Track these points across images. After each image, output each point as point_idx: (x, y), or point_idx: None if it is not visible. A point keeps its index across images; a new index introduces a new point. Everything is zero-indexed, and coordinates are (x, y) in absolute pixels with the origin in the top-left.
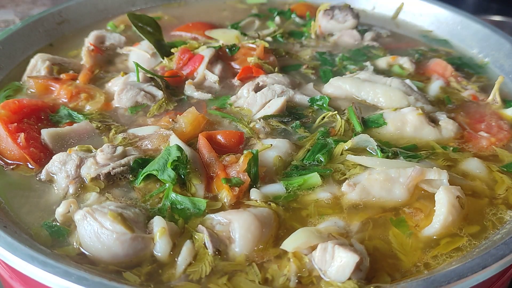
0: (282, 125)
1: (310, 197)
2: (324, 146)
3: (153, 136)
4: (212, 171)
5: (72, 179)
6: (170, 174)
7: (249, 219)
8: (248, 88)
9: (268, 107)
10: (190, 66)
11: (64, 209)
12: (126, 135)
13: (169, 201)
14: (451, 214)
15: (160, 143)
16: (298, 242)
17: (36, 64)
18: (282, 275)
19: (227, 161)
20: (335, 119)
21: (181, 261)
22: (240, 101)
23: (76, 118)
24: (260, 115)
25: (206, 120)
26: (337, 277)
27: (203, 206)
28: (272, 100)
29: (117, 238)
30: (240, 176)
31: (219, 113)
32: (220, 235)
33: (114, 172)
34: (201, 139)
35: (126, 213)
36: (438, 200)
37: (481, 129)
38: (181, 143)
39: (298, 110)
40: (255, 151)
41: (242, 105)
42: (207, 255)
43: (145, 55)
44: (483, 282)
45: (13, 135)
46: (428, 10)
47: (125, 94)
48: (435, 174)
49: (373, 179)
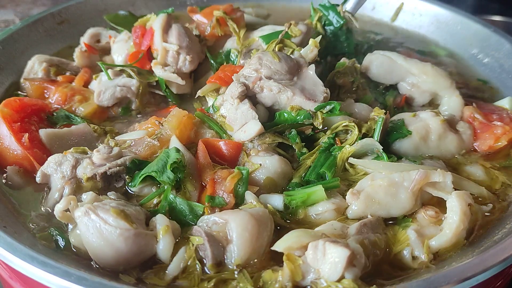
0: (279, 139)
1: (311, 210)
2: (327, 158)
3: (141, 143)
4: (205, 180)
5: (68, 179)
6: (169, 176)
7: (246, 217)
8: (232, 95)
9: (244, 132)
10: (145, 43)
11: (64, 206)
12: (117, 141)
13: (168, 203)
14: (463, 222)
15: (149, 152)
16: (289, 241)
17: (33, 66)
18: (276, 280)
19: (219, 176)
20: (351, 128)
21: (172, 269)
22: (226, 106)
23: (74, 120)
24: (237, 138)
25: (193, 119)
26: (331, 275)
27: (200, 211)
28: (248, 124)
29: (121, 234)
30: (225, 197)
31: (204, 119)
32: (217, 236)
33: (111, 172)
34: (201, 145)
35: (128, 210)
36: (450, 208)
37: (493, 119)
38: (180, 146)
39: (299, 117)
40: (245, 171)
41: (225, 115)
42: (196, 267)
43: (123, 42)
44: (483, 282)
45: (17, 135)
46: (428, 10)
47: (103, 96)
48: (440, 177)
49: (377, 185)
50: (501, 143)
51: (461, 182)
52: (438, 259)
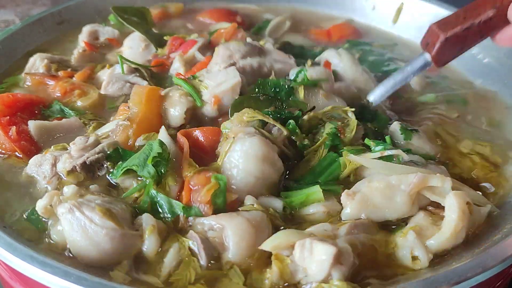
0: (259, 115)
1: (302, 211)
2: (332, 162)
3: (116, 130)
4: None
5: (49, 178)
6: (150, 171)
7: (244, 226)
8: (221, 64)
9: (218, 85)
10: (182, 49)
11: (47, 202)
12: (98, 135)
13: (149, 198)
14: (462, 221)
15: (125, 135)
16: (277, 240)
17: (34, 63)
18: (264, 278)
19: (195, 182)
20: (343, 113)
21: (167, 263)
22: (210, 70)
23: (67, 114)
24: (207, 95)
25: (159, 90)
26: (318, 273)
27: (179, 210)
28: (226, 80)
29: (107, 234)
30: (201, 208)
31: (179, 82)
32: (212, 242)
33: (90, 161)
34: (180, 137)
35: (114, 209)
36: (448, 207)
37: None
38: (167, 138)
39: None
40: (222, 182)
41: (205, 78)
42: (192, 263)
43: (138, 49)
44: (483, 282)
45: (5, 128)
46: (428, 10)
47: (111, 87)
48: (438, 181)
49: (374, 187)
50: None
51: (460, 188)
52: (439, 259)
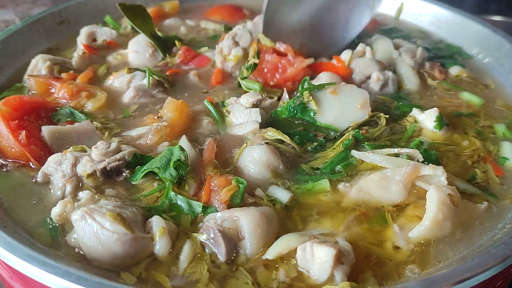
0: (278, 135)
1: (310, 198)
2: (345, 157)
3: (148, 132)
4: (204, 176)
5: (69, 177)
6: (172, 173)
7: (256, 215)
8: (248, 100)
9: (240, 127)
10: (195, 63)
11: (61, 209)
12: (121, 138)
13: (168, 200)
14: (442, 211)
15: (158, 136)
16: (279, 248)
17: (37, 64)
18: (272, 278)
19: (215, 183)
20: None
21: (183, 259)
22: (236, 106)
23: (78, 117)
24: (234, 132)
25: (188, 107)
26: (321, 274)
27: (199, 209)
28: (247, 123)
29: (118, 238)
30: (217, 206)
31: (210, 106)
32: (228, 232)
33: (110, 167)
34: (210, 143)
35: (125, 213)
36: (428, 198)
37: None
38: (187, 144)
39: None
40: (242, 185)
41: (230, 111)
42: (204, 257)
43: (145, 54)
44: (483, 282)
45: (15, 133)
46: (428, 10)
47: (137, 100)
48: (430, 170)
49: (369, 179)
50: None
51: (452, 182)
52: (426, 247)
